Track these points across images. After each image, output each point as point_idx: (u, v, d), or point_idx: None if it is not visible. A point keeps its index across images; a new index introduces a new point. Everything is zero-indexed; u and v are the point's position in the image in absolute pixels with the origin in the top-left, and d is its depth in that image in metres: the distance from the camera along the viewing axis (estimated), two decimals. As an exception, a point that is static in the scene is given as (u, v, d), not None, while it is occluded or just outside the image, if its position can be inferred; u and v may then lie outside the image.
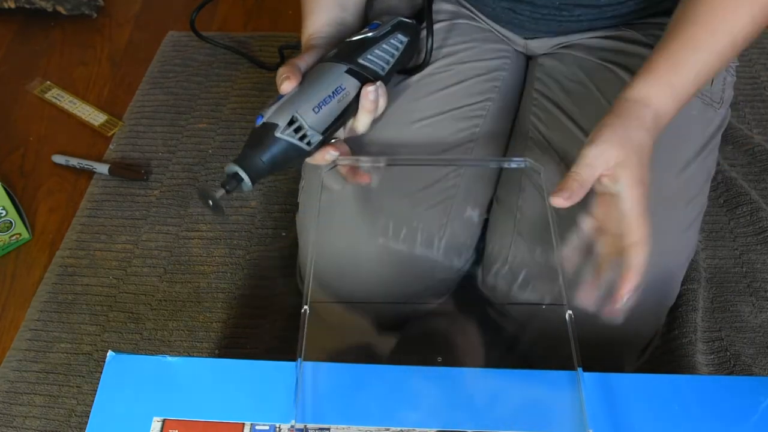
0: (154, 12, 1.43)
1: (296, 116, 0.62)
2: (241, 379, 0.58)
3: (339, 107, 0.65)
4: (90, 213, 1.08)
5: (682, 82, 0.62)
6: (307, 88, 0.64)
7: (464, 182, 0.75)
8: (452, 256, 0.76)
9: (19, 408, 0.88)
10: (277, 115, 0.63)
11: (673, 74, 0.61)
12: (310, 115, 0.63)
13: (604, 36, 0.78)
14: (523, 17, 0.77)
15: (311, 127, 0.63)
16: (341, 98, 0.65)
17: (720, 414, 0.55)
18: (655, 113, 0.61)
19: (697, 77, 0.62)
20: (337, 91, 0.65)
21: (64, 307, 0.97)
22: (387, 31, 0.71)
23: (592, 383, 0.57)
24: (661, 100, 0.61)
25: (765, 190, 1.05)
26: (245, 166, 0.62)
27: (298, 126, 0.63)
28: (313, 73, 0.66)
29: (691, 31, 0.62)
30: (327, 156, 0.67)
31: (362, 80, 0.67)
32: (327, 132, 0.65)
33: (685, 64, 0.61)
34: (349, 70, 0.66)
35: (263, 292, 0.98)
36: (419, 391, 0.57)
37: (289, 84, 0.64)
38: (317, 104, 0.64)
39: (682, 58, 0.61)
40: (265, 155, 0.62)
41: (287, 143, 0.62)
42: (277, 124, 0.62)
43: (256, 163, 0.62)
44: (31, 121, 1.23)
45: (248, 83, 1.26)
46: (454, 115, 0.76)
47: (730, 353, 0.89)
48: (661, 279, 0.70)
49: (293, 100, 0.64)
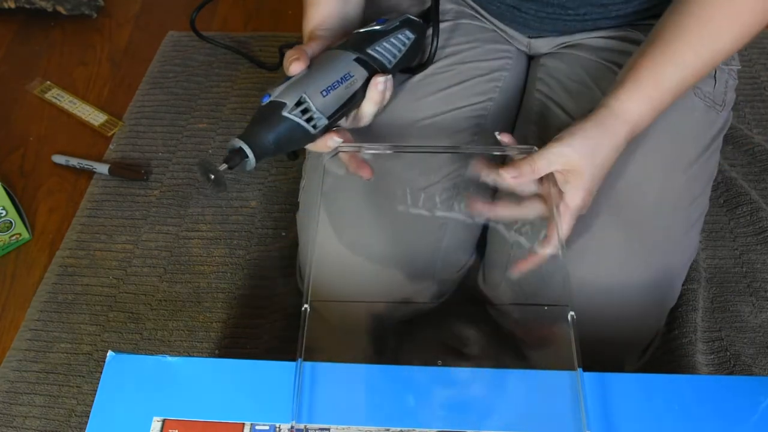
0: (154, 12, 1.43)
1: (304, 97, 0.62)
2: (241, 379, 0.58)
3: (346, 94, 0.65)
4: (90, 213, 1.08)
5: (661, 98, 0.64)
6: (316, 71, 0.64)
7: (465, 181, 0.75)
8: (453, 255, 0.76)
9: (19, 408, 0.88)
10: (285, 95, 0.62)
11: (653, 89, 0.63)
12: (317, 97, 0.63)
13: (607, 36, 0.78)
14: (528, 15, 0.77)
15: (318, 109, 0.63)
16: (348, 85, 0.65)
17: (720, 414, 0.55)
18: (632, 127, 0.63)
19: (675, 93, 0.64)
20: (346, 77, 0.65)
21: (64, 307, 0.97)
22: (395, 26, 0.71)
23: (592, 383, 0.57)
24: (640, 114, 0.63)
25: (765, 190, 1.05)
26: (250, 142, 0.60)
27: (305, 107, 0.62)
28: (322, 58, 0.66)
29: (675, 46, 0.64)
30: (330, 142, 0.66)
31: (370, 70, 0.67)
32: (332, 117, 0.65)
33: (667, 81, 0.64)
34: (357, 59, 0.66)
35: (263, 292, 0.98)
36: (419, 391, 0.57)
37: (298, 65, 0.63)
38: (325, 88, 0.63)
39: (666, 75, 0.63)
40: (271, 133, 0.61)
41: (294, 123, 0.62)
42: (284, 103, 0.62)
43: (262, 141, 0.61)
44: (31, 121, 1.23)
45: (248, 83, 1.26)
46: (456, 115, 0.76)
47: (730, 353, 0.89)
48: (662, 280, 0.70)
49: (302, 81, 0.63)
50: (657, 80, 0.63)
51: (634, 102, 0.63)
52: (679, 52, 0.63)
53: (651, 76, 0.63)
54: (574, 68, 0.78)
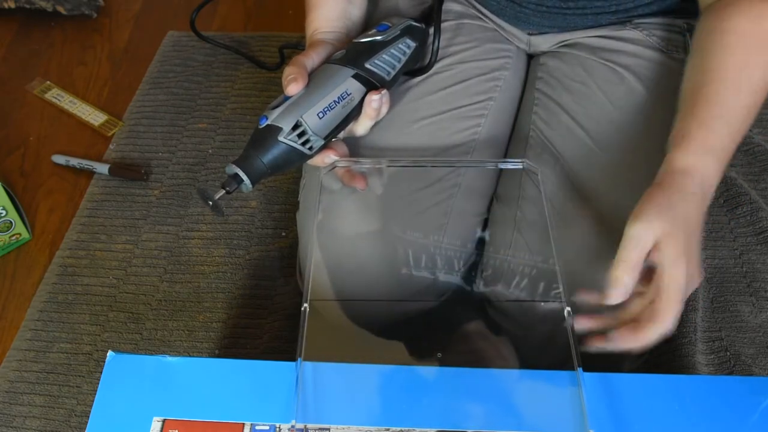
0: (154, 12, 1.43)
1: (301, 121, 0.63)
2: (241, 379, 0.58)
3: (343, 113, 0.65)
4: (90, 213, 1.08)
5: (719, 144, 0.61)
6: (313, 91, 0.64)
7: (464, 181, 0.75)
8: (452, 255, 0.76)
9: (19, 408, 0.88)
10: (281, 119, 0.63)
11: (707, 139, 0.61)
12: (314, 120, 0.63)
13: (607, 36, 0.78)
14: (529, 11, 0.77)
15: (314, 132, 0.63)
16: (346, 104, 0.65)
17: (720, 414, 0.55)
18: (701, 180, 0.60)
19: (731, 134, 0.62)
20: (343, 96, 0.65)
21: (64, 307, 0.97)
22: (396, 35, 0.71)
23: (592, 383, 0.57)
24: (704, 166, 0.60)
25: (765, 190, 1.05)
26: (246, 167, 0.62)
27: (302, 131, 0.63)
28: (320, 75, 0.66)
29: (714, 89, 0.62)
30: (326, 159, 0.67)
31: (367, 85, 0.67)
32: (329, 137, 0.65)
33: (717, 127, 0.61)
34: (355, 75, 0.66)
35: (263, 292, 0.98)
36: (419, 391, 0.57)
37: (296, 86, 0.64)
38: (322, 110, 0.64)
39: (714, 122, 0.61)
40: (267, 158, 0.62)
41: (290, 148, 0.62)
42: (281, 128, 0.62)
43: (257, 165, 0.62)
44: (31, 121, 1.23)
45: (248, 83, 1.26)
46: (456, 114, 0.76)
47: (730, 353, 0.89)
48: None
49: (299, 103, 0.63)
50: (707, 130, 0.61)
51: (692, 156, 0.60)
52: (719, 95, 0.62)
53: (700, 130, 0.61)
54: (575, 68, 0.78)
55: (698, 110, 0.62)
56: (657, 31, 0.77)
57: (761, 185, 1.05)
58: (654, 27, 0.77)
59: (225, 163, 1.13)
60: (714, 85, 0.62)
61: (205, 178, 1.12)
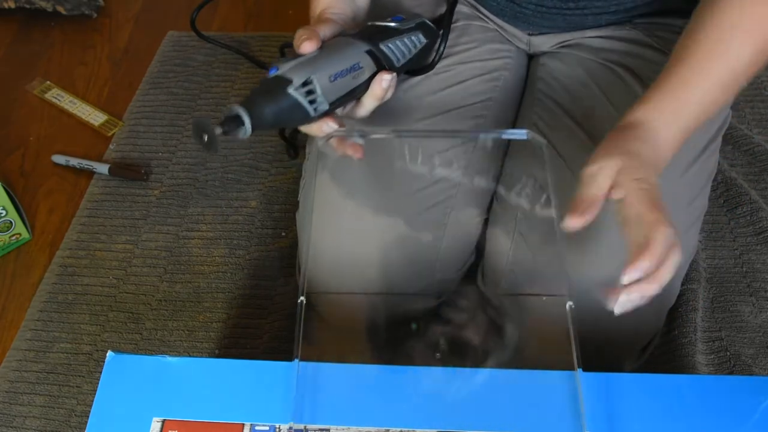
0: (154, 12, 1.43)
1: (312, 78, 0.62)
2: (241, 379, 0.58)
3: (352, 84, 0.65)
4: (90, 213, 1.08)
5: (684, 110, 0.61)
6: (327, 55, 0.63)
7: (465, 181, 0.75)
8: (452, 255, 0.76)
9: (19, 408, 0.88)
10: (293, 72, 0.61)
11: (673, 99, 0.61)
12: (325, 81, 0.62)
13: (607, 36, 0.78)
14: (529, 11, 0.77)
15: (323, 93, 0.62)
16: (356, 75, 0.64)
17: (720, 414, 0.55)
18: (654, 132, 0.60)
19: (701, 103, 0.62)
20: (355, 67, 0.64)
21: (64, 307, 0.97)
22: (410, 27, 0.71)
23: (591, 383, 0.57)
24: (659, 123, 0.60)
25: (765, 190, 1.05)
26: (250, 111, 0.60)
27: (311, 89, 0.61)
28: (334, 43, 0.65)
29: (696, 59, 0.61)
30: (325, 127, 0.65)
31: (378, 65, 0.66)
32: (334, 104, 0.64)
33: (685, 95, 0.61)
34: (369, 51, 0.66)
35: (263, 292, 0.98)
36: (419, 391, 0.57)
37: (310, 45, 0.62)
38: (333, 74, 0.63)
39: (684, 90, 0.61)
40: (272, 107, 0.60)
41: (296, 102, 0.61)
42: (291, 80, 0.61)
43: (261, 112, 0.60)
44: (31, 121, 1.23)
45: (248, 83, 1.26)
46: (455, 114, 0.76)
47: (730, 353, 0.89)
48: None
49: (312, 62, 0.62)
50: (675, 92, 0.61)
51: (650, 112, 0.60)
52: (704, 72, 0.61)
53: (669, 90, 0.61)
54: (574, 68, 0.78)
55: (674, 72, 0.61)
56: (657, 31, 0.77)
57: (761, 185, 1.05)
58: (654, 27, 0.77)
59: (225, 163, 1.13)
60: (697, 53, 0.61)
61: (205, 178, 1.12)
